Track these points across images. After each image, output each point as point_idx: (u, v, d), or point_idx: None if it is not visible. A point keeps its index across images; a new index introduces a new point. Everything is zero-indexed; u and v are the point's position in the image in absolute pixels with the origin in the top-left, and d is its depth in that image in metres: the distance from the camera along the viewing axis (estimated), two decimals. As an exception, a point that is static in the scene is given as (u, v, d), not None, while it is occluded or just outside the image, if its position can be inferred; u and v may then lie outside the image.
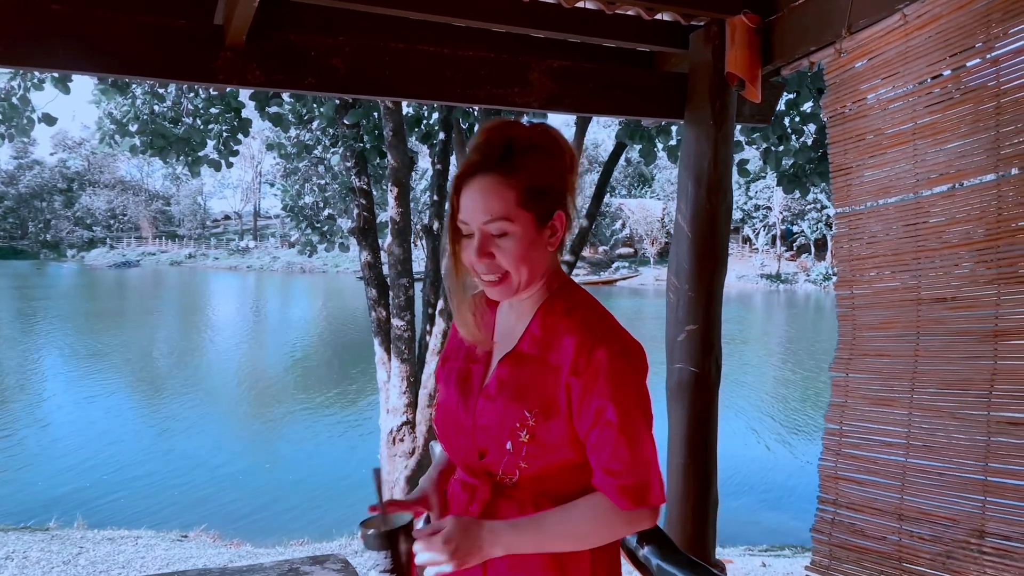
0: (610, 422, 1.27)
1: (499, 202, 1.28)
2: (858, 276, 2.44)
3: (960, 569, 2.09)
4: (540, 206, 1.31)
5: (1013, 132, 1.97)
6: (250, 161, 69.73)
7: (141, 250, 67.79)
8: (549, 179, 1.32)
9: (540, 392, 1.33)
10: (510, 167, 1.28)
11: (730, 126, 2.71)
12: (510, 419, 1.33)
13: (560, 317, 1.35)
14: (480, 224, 1.29)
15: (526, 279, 1.33)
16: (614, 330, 1.34)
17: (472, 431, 1.38)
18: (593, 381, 1.28)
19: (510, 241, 1.29)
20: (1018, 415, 1.98)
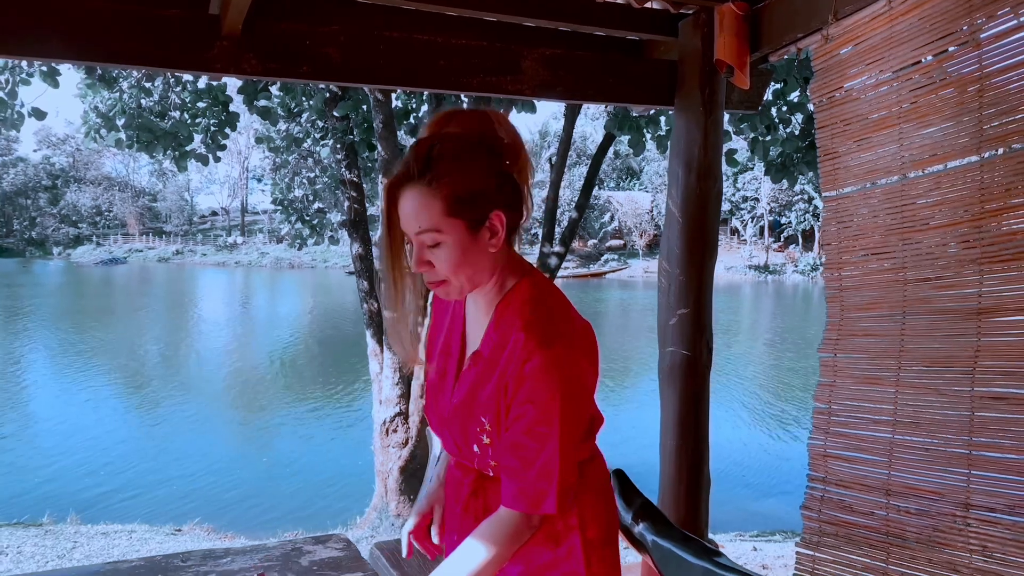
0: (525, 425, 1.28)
1: (426, 213, 1.28)
2: (845, 258, 2.49)
3: (946, 541, 2.14)
4: (470, 211, 1.30)
5: (996, 114, 2.01)
6: (237, 156, 69.32)
7: (128, 247, 67.32)
8: (477, 183, 1.30)
9: (490, 398, 1.34)
10: (432, 177, 1.28)
11: (719, 112, 2.75)
12: (471, 424, 1.36)
13: (513, 316, 1.35)
14: (413, 234, 1.31)
15: (467, 282, 1.34)
16: (559, 332, 1.32)
17: (448, 429, 1.43)
18: (521, 384, 1.28)
19: (444, 250, 1.30)
20: (1001, 390, 2.04)
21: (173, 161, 8.36)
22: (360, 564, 1.91)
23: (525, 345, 1.28)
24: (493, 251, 1.33)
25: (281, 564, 1.88)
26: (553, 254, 8.71)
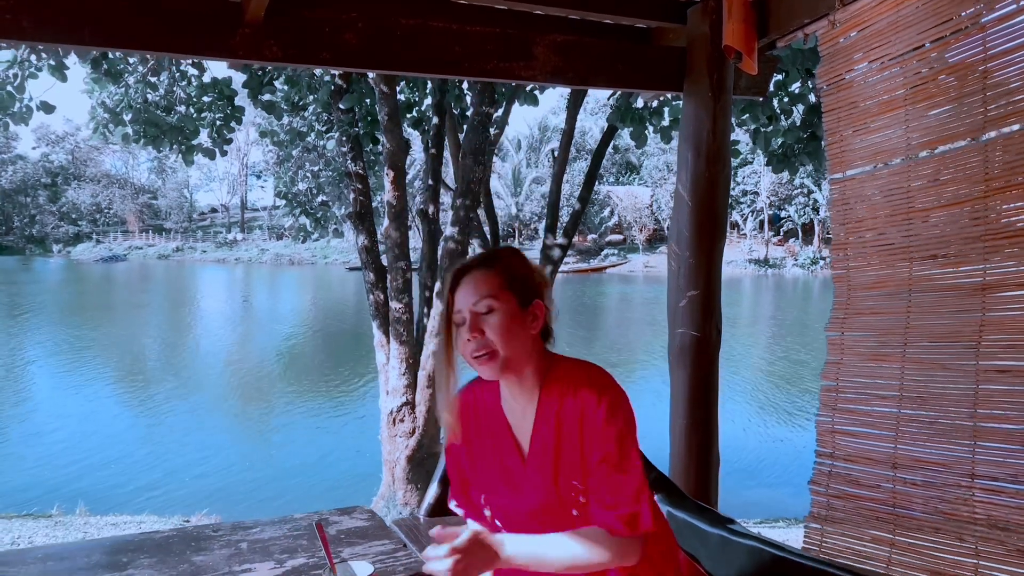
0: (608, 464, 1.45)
1: (484, 286, 1.51)
2: (852, 239, 2.55)
3: (951, 511, 2.21)
4: (520, 290, 1.53)
5: (999, 95, 2.07)
6: (236, 153, 69.29)
7: (128, 244, 67.33)
8: (525, 272, 1.56)
9: (572, 461, 1.50)
10: (493, 262, 1.55)
11: (728, 98, 2.81)
12: (566, 494, 1.51)
13: (563, 388, 1.52)
14: (470, 306, 1.50)
15: (512, 354, 1.50)
16: (607, 381, 1.52)
17: (539, 514, 1.53)
18: (596, 430, 1.47)
19: (496, 317, 1.49)
20: (1005, 363, 2.10)
21: (180, 155, 8.40)
22: (386, 532, 1.97)
23: (589, 399, 1.48)
24: (533, 333, 1.54)
25: (309, 535, 1.94)
26: (556, 246, 8.76)
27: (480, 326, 1.49)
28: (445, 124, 7.78)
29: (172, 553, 1.81)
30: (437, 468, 2.91)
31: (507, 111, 8.54)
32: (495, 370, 1.52)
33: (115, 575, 1.68)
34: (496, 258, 1.57)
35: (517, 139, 57.06)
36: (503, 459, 1.59)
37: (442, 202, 8.64)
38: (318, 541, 1.88)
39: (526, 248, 53.66)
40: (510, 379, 1.55)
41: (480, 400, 1.64)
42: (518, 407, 1.58)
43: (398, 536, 1.94)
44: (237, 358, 20.00)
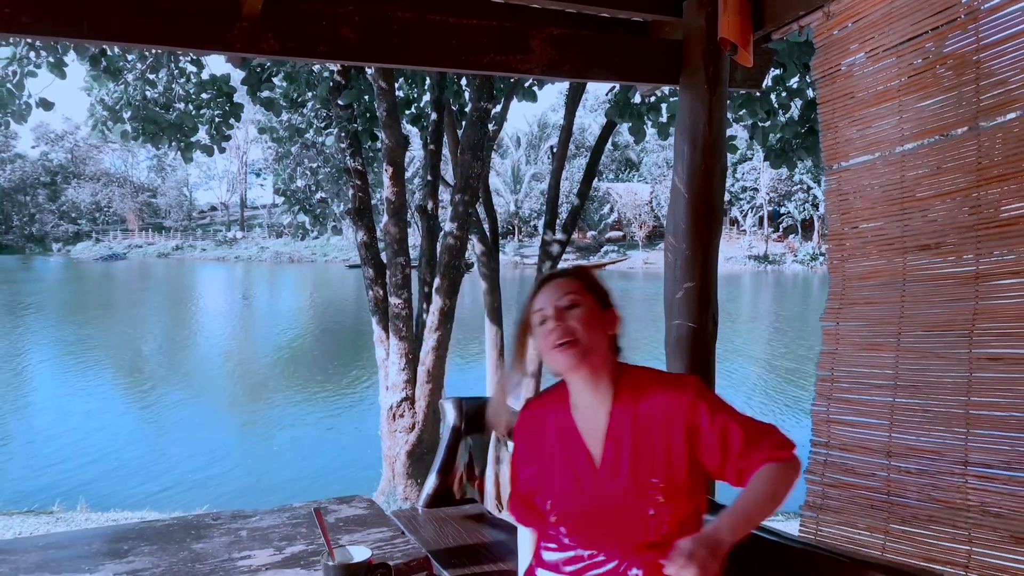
0: (734, 430, 1.55)
1: (568, 287, 1.63)
2: (847, 229, 2.57)
3: (945, 498, 2.22)
4: (600, 294, 1.67)
5: (991, 85, 2.09)
6: (235, 151, 69.27)
7: (127, 242, 67.35)
8: (602, 286, 1.69)
9: (650, 458, 1.57)
10: (574, 272, 1.69)
11: (723, 90, 2.82)
12: (644, 492, 1.56)
13: (637, 391, 1.62)
14: (554, 303, 1.61)
15: (592, 344, 1.59)
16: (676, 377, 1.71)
17: (611, 516, 1.59)
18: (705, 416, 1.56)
19: (578, 311, 1.60)
20: (997, 351, 2.12)
21: (179, 152, 8.41)
22: (385, 520, 1.99)
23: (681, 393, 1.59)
24: (611, 333, 1.65)
25: (307, 523, 1.96)
26: (555, 242, 8.78)
27: (564, 318, 1.59)
28: (444, 120, 7.79)
29: (172, 541, 1.83)
30: (435, 460, 2.93)
31: (505, 107, 8.55)
32: (575, 358, 1.58)
33: (116, 562, 1.70)
34: (580, 270, 1.71)
35: (516, 136, 57.03)
36: (574, 466, 1.64)
37: (441, 199, 8.66)
38: (317, 528, 1.90)
39: (526, 245, 53.68)
40: (585, 376, 1.62)
41: (547, 412, 1.71)
42: (590, 412, 1.65)
43: (396, 524, 1.96)
44: (237, 355, 20.03)
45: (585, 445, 1.63)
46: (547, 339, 1.59)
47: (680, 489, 1.57)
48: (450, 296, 6.93)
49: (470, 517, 2.73)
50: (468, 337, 17.41)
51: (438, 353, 6.96)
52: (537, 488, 1.69)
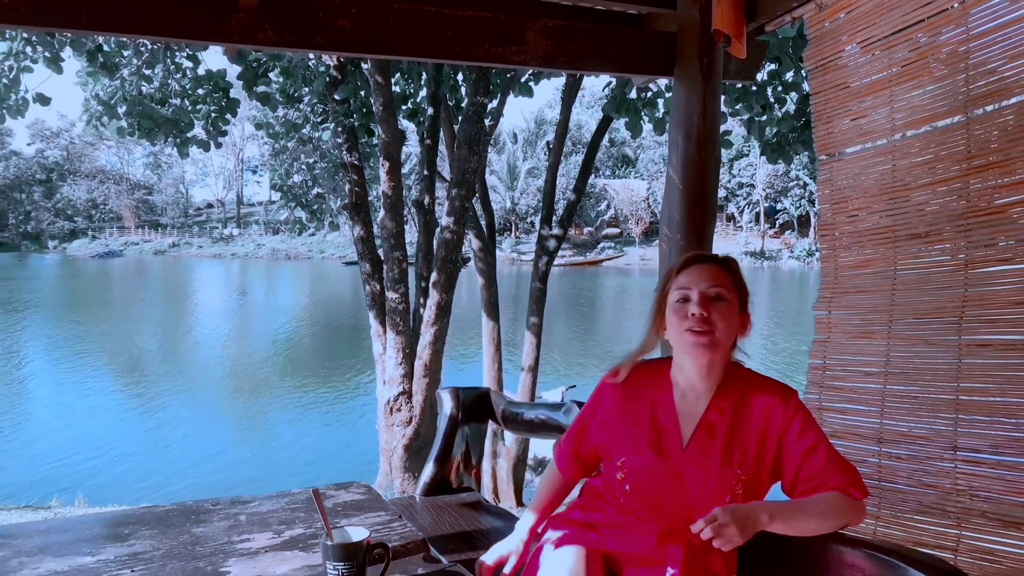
0: (820, 452, 1.61)
1: (720, 276, 1.67)
2: (839, 219, 2.59)
3: (934, 483, 2.25)
4: (743, 297, 1.71)
5: (981, 74, 2.11)
6: (232, 148, 69.17)
7: (124, 240, 67.28)
8: (744, 286, 1.73)
9: (741, 452, 1.63)
10: (729, 264, 1.73)
11: (717, 82, 2.84)
12: (725, 478, 1.62)
13: (743, 389, 1.69)
14: (702, 289, 1.64)
15: (724, 342, 1.65)
16: (780, 383, 1.72)
17: (684, 491, 1.65)
18: (798, 429, 1.62)
19: (723, 306, 1.65)
20: (986, 337, 2.14)
21: (175, 148, 8.42)
22: (382, 505, 2.01)
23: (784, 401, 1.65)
24: (741, 336, 1.71)
25: (306, 508, 1.98)
26: (552, 236, 8.81)
27: (709, 306, 1.63)
28: (440, 115, 7.81)
29: (172, 525, 1.85)
30: (433, 448, 2.95)
31: (502, 102, 8.57)
32: (705, 349, 1.64)
33: (117, 545, 1.72)
34: (732, 263, 1.74)
35: (513, 132, 57.05)
36: (662, 438, 1.69)
37: (438, 196, 8.68)
38: (315, 513, 1.93)
39: (523, 242, 53.74)
40: (702, 366, 1.67)
41: (647, 382, 1.76)
42: (691, 396, 1.70)
43: (393, 509, 1.98)
44: (235, 352, 20.03)
45: (679, 425, 1.69)
46: (685, 321, 1.64)
47: (757, 488, 1.64)
48: (447, 291, 6.96)
49: (467, 505, 2.75)
50: (465, 332, 17.44)
51: (435, 347, 6.99)
52: (612, 448, 1.74)
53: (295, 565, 1.61)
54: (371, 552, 1.50)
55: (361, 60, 7.50)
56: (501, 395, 3.08)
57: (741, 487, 1.63)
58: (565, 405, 2.70)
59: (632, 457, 1.71)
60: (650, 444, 1.70)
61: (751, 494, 1.64)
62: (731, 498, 1.62)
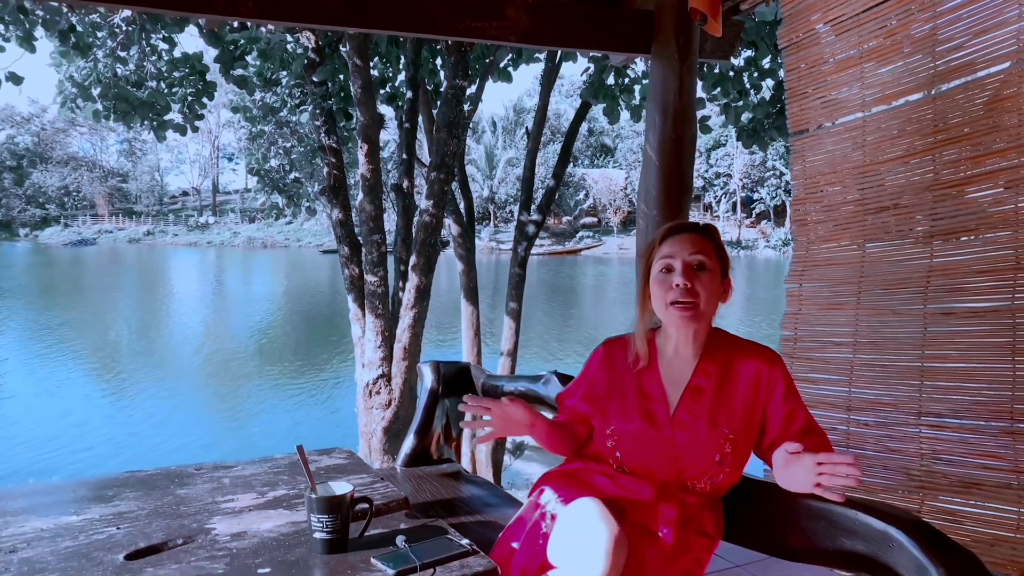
0: (799, 415, 1.70)
1: (702, 244, 1.71)
2: (811, 194, 2.66)
3: (900, 448, 2.33)
4: (724, 264, 1.74)
5: (947, 50, 2.18)
6: (208, 135, 68.39)
7: (97, 228, 66.34)
8: (724, 253, 1.77)
9: (728, 412, 1.69)
10: (710, 232, 1.76)
11: (694, 59, 2.89)
12: (715, 439, 1.68)
13: (728, 352, 1.74)
14: (685, 258, 1.68)
15: (707, 312, 1.70)
16: (764, 347, 1.76)
17: (675, 454, 1.70)
18: (781, 393, 1.70)
19: (706, 276, 1.69)
20: (950, 306, 2.22)
21: (151, 131, 8.33)
22: (365, 468, 2.05)
23: (769, 365, 1.70)
24: (721, 303, 1.74)
25: (289, 471, 2.01)
26: (531, 222, 8.84)
27: (692, 276, 1.67)
28: (419, 99, 7.80)
29: (156, 487, 1.88)
30: (414, 420, 3.00)
31: (480, 87, 8.57)
32: (689, 321, 1.69)
33: (102, 506, 1.75)
34: (713, 230, 1.77)
35: (492, 119, 56.92)
36: (650, 402, 1.74)
37: (417, 185, 8.67)
38: (298, 475, 1.96)
39: (501, 231, 53.71)
40: (688, 334, 1.72)
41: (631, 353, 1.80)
42: (676, 363, 1.76)
43: (376, 472, 2.02)
44: (212, 339, 19.90)
45: (665, 392, 1.74)
46: (668, 292, 1.68)
47: (744, 447, 1.71)
48: (426, 274, 6.97)
49: (447, 475, 2.79)
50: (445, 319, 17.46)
51: (414, 330, 7.00)
52: (600, 419, 1.80)
53: (279, 522, 1.65)
54: (355, 506, 1.54)
55: (340, 43, 7.47)
56: (481, 369, 3.13)
57: (730, 446, 1.69)
58: (544, 377, 2.74)
59: (621, 426, 1.76)
60: (639, 412, 1.75)
61: (739, 454, 1.70)
62: (720, 458, 1.69)
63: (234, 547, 1.51)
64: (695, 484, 1.72)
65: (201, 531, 1.59)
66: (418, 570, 1.39)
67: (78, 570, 1.40)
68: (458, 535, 1.57)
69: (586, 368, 1.89)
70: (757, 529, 1.71)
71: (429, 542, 1.52)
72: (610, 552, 1.49)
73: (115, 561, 1.44)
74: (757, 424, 1.71)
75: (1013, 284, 2.04)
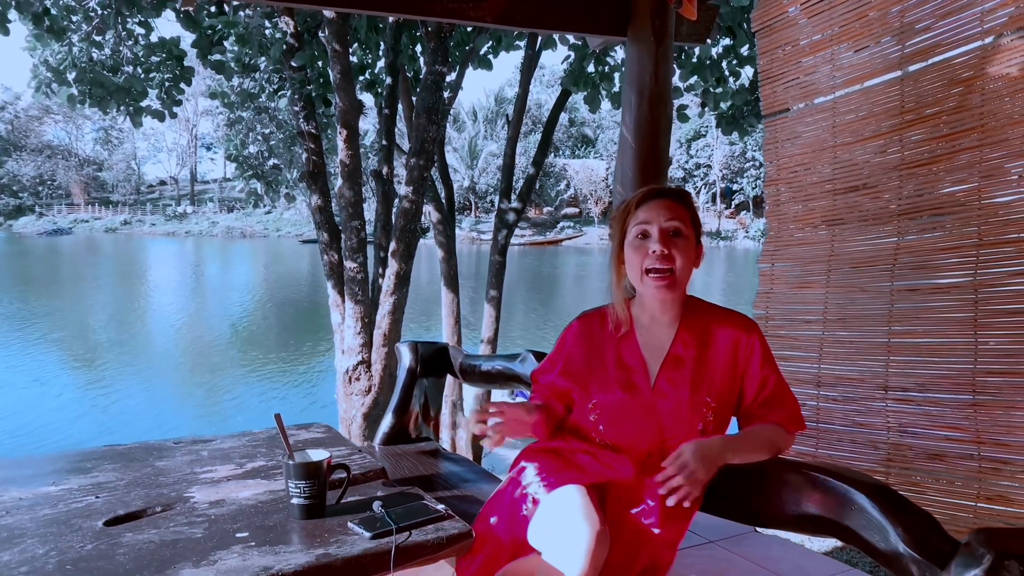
0: (773, 383, 1.74)
1: (678, 211, 1.71)
2: (783, 175, 2.70)
3: (866, 422, 2.39)
4: (698, 232, 1.75)
5: (915, 32, 2.23)
6: (185, 124, 67.64)
7: (73, 217, 65.46)
8: (698, 219, 1.77)
9: (709, 381, 1.71)
10: (686, 198, 1.76)
11: (669, 42, 2.93)
12: (697, 408, 1.70)
13: (706, 320, 1.75)
14: (662, 223, 1.68)
15: (682, 279, 1.71)
16: (741, 315, 1.79)
17: (657, 424, 1.72)
18: (759, 360, 1.72)
19: (681, 243, 1.69)
20: (915, 282, 2.28)
21: (128, 117, 8.25)
22: (343, 441, 2.07)
23: (747, 333, 1.73)
24: (695, 268, 1.74)
25: (267, 444, 2.03)
26: (511, 210, 8.87)
27: (669, 242, 1.67)
28: (398, 85, 7.79)
29: (135, 460, 1.89)
30: (392, 399, 3.02)
31: (460, 74, 8.57)
32: (665, 290, 1.70)
33: (81, 476, 1.76)
34: (688, 197, 1.77)
35: (473, 109, 56.77)
36: (630, 373, 1.75)
37: (397, 174, 8.66)
38: (276, 447, 1.99)
39: (483, 221, 53.66)
40: (664, 302, 1.74)
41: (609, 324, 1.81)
42: (655, 331, 1.77)
43: (354, 445, 2.05)
44: (190, 329, 19.76)
45: (645, 361, 1.75)
46: (644, 260, 1.68)
47: (725, 415, 1.74)
48: (406, 260, 6.98)
49: (425, 453, 2.82)
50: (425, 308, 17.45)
51: (394, 317, 7.02)
52: (581, 393, 1.81)
53: (257, 491, 1.67)
54: (333, 472, 1.57)
55: (319, 29, 7.43)
56: (459, 349, 3.16)
57: (712, 414, 1.71)
58: (521, 355, 2.78)
59: (602, 398, 1.77)
60: (619, 383, 1.75)
61: (721, 420, 1.73)
62: (703, 426, 1.70)
63: (212, 513, 1.54)
64: None
65: (180, 499, 1.61)
66: (394, 533, 1.43)
67: (57, 535, 1.42)
68: (433, 501, 1.60)
69: (561, 343, 1.89)
70: (724, 497, 1.76)
71: (405, 507, 1.55)
72: (591, 550, 1.48)
73: (94, 527, 1.46)
74: (736, 392, 1.74)
75: (976, 260, 2.10)
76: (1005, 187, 2.03)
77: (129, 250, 48.41)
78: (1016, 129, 2.00)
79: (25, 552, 1.34)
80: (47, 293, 25.86)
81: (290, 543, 1.39)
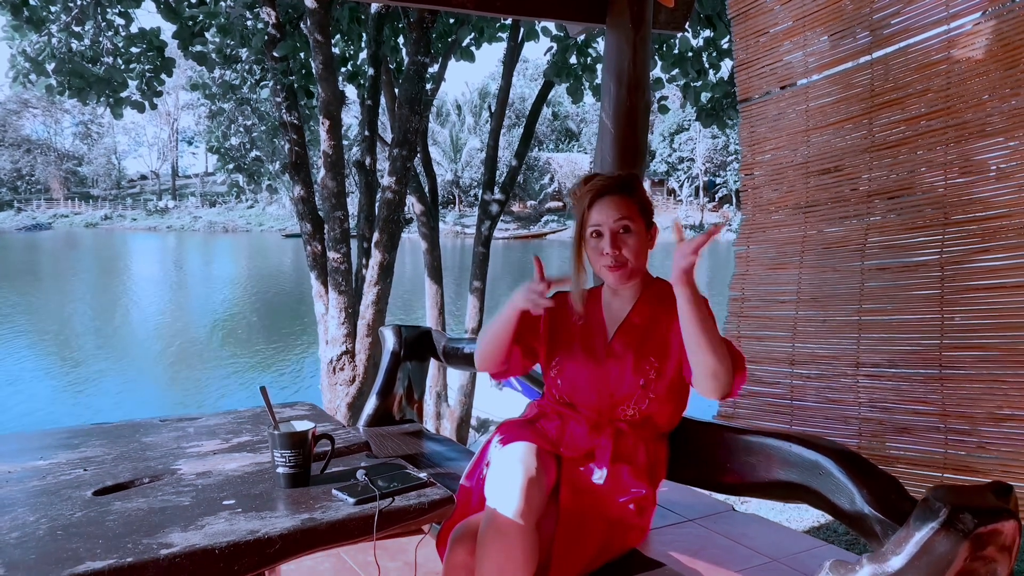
0: None
1: (625, 208, 1.84)
2: (758, 159, 2.77)
3: (839, 398, 2.46)
4: (647, 218, 1.89)
5: (885, 18, 2.29)
6: (166, 118, 67.04)
7: (52, 212, 64.72)
8: (649, 201, 1.91)
9: (655, 343, 1.86)
10: (631, 190, 1.88)
11: (647, 30, 2.98)
12: (640, 364, 1.85)
13: (659, 295, 1.89)
14: (611, 223, 1.83)
15: (638, 266, 1.87)
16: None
17: (607, 380, 1.88)
18: None
19: (631, 237, 1.84)
20: (885, 262, 2.34)
21: (108, 108, 8.20)
22: (328, 417, 2.11)
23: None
24: (650, 250, 1.90)
25: (253, 422, 2.07)
26: (494, 201, 8.91)
27: (619, 243, 1.83)
28: (381, 76, 7.79)
29: (122, 437, 1.92)
30: (376, 382, 3.06)
31: (443, 66, 8.59)
32: (622, 279, 1.86)
33: (68, 451, 1.79)
34: (633, 186, 1.89)
35: (456, 102, 56.66)
36: (591, 338, 1.93)
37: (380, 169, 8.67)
38: (261, 426, 2.02)
39: (466, 214, 53.66)
40: (624, 284, 1.89)
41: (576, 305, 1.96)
42: (616, 305, 1.94)
43: (339, 421, 2.09)
44: (172, 323, 19.66)
45: (605, 327, 1.93)
46: (601, 258, 1.84)
47: (667, 375, 1.85)
48: (389, 250, 7.00)
49: (409, 434, 2.87)
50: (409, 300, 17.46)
51: (378, 307, 7.04)
52: (547, 355, 1.97)
53: (243, 463, 1.71)
54: (317, 442, 1.61)
55: (300, 19, 7.42)
56: (442, 333, 3.20)
57: (654, 372, 1.85)
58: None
59: (564, 356, 1.94)
60: (581, 346, 1.93)
61: (661, 380, 1.85)
62: (644, 382, 1.84)
63: (200, 483, 1.57)
64: (624, 412, 1.87)
65: (167, 471, 1.65)
66: (377, 499, 1.47)
67: (47, 505, 1.45)
68: (416, 469, 1.64)
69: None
70: (697, 466, 1.82)
71: (388, 475, 1.59)
72: (524, 489, 1.63)
73: (84, 496, 1.49)
74: (677, 357, 1.84)
75: (942, 238, 2.16)
76: (970, 168, 2.10)
77: (110, 245, 47.98)
78: (980, 111, 2.06)
79: (16, 520, 1.37)
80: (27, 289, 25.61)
81: (276, 509, 1.43)
